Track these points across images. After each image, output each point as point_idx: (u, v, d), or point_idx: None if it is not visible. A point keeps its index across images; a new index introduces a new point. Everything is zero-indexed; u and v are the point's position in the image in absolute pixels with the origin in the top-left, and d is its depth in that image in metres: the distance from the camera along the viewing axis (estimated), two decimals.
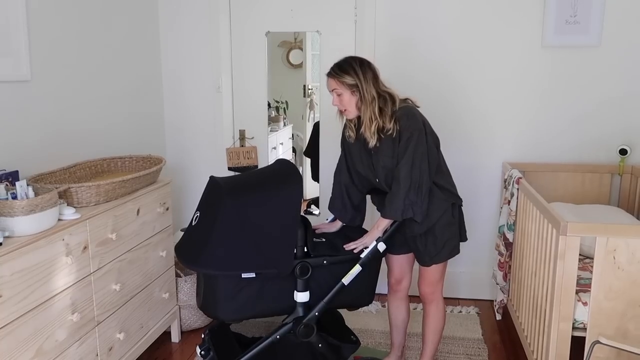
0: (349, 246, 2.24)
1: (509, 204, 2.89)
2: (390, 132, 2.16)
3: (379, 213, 2.33)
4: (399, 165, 2.15)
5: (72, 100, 2.60)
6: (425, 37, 3.24)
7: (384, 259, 2.43)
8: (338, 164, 2.49)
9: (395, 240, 2.36)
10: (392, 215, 2.18)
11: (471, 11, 3.17)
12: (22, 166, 2.20)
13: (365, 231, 2.50)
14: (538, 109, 3.21)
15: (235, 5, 3.39)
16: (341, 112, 2.28)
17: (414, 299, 3.20)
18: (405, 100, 2.27)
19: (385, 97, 2.19)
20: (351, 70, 2.19)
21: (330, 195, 2.51)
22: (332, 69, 2.24)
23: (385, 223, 2.23)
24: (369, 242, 2.24)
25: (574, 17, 3.06)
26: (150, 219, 2.56)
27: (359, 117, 2.24)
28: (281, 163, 2.32)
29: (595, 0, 3.02)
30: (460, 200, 2.33)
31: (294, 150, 4.50)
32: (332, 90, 2.24)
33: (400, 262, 2.46)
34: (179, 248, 2.16)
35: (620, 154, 3.11)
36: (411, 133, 2.13)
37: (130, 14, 3.10)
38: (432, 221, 2.23)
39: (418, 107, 2.28)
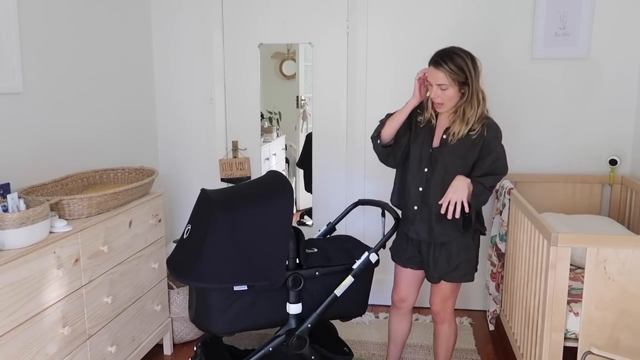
0: (443, 204, 2.07)
1: (500, 215, 2.91)
2: (474, 133, 2.09)
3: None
4: (491, 175, 2.11)
5: (64, 112, 2.60)
6: (416, 49, 3.26)
7: (391, 272, 2.42)
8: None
9: (405, 252, 2.33)
10: (474, 187, 2.07)
11: (462, 24, 3.20)
12: (14, 178, 2.19)
13: (359, 242, 2.51)
14: (528, 120, 3.24)
15: (228, 17, 3.41)
16: (433, 104, 2.13)
17: (414, 309, 3.18)
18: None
19: (484, 97, 2.11)
20: (463, 63, 2.04)
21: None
22: (444, 61, 2.05)
23: (470, 185, 2.07)
24: (462, 196, 2.03)
25: (563, 29, 3.10)
26: (142, 231, 2.55)
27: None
28: (272, 175, 2.33)
29: (584, 13, 3.07)
30: (485, 229, 2.30)
31: (287, 161, 4.52)
32: (438, 85, 2.07)
33: (409, 278, 2.36)
34: (171, 261, 2.15)
35: (610, 164, 3.14)
36: (504, 159, 2.13)
37: (123, 25, 3.11)
38: (451, 235, 2.18)
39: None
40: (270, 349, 2.20)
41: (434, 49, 3.21)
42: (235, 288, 2.06)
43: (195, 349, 2.36)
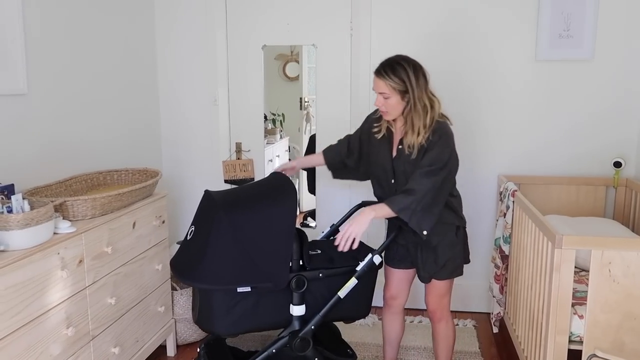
0: (338, 244, 2.09)
1: (504, 217, 2.90)
2: (422, 142, 2.11)
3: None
4: (420, 172, 2.07)
5: (68, 114, 2.61)
6: (420, 51, 3.23)
7: (382, 272, 2.42)
8: (347, 138, 2.44)
9: (397, 253, 2.35)
10: (392, 205, 2.06)
11: (465, 26, 3.20)
12: (18, 179, 2.19)
13: (362, 244, 2.50)
14: (533, 122, 3.23)
15: (231, 18, 3.42)
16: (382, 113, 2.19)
17: (408, 311, 3.18)
18: (441, 114, 2.18)
19: (432, 104, 2.11)
20: (404, 73, 2.07)
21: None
22: (384, 69, 2.09)
23: (382, 209, 2.07)
24: (357, 231, 2.06)
25: (567, 31, 3.10)
26: (146, 232, 2.56)
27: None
28: (275, 176, 2.33)
29: (588, 15, 3.06)
30: (463, 221, 2.31)
31: None
32: (380, 93, 2.12)
33: (399, 277, 2.41)
34: (174, 263, 2.15)
35: (615, 166, 3.13)
36: (442, 154, 2.10)
37: (127, 27, 3.12)
38: (436, 240, 2.21)
39: (452, 124, 2.20)
40: (274, 350, 2.19)
41: (438, 50, 3.24)
42: (239, 289, 2.06)
43: (198, 350, 2.36)
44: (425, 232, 2.10)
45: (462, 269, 2.33)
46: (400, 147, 2.20)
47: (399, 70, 2.09)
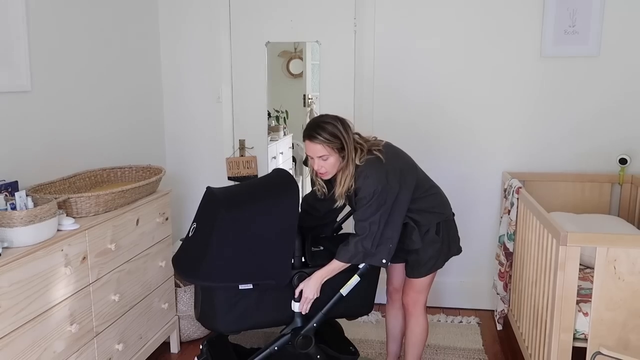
0: (302, 309, 2.15)
1: (509, 214, 2.89)
2: (350, 190, 2.14)
3: None
4: (357, 214, 2.10)
5: (72, 111, 2.61)
6: (425, 47, 3.25)
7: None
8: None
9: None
10: (340, 258, 2.11)
11: (470, 22, 3.18)
12: (22, 176, 2.20)
13: None
14: (538, 119, 3.22)
15: (235, 15, 3.41)
16: (317, 174, 2.17)
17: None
18: (370, 149, 2.12)
19: (355, 153, 2.11)
20: (339, 133, 2.06)
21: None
22: (315, 132, 2.06)
23: (334, 266, 2.13)
24: (310, 295, 2.12)
25: (572, 27, 3.08)
26: (149, 229, 2.56)
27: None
28: (277, 173, 2.32)
29: (594, 11, 3.04)
30: (445, 216, 2.28)
31: (293, 159, 4.51)
32: (319, 157, 2.08)
33: (399, 270, 2.44)
34: (176, 260, 2.15)
35: (620, 163, 3.11)
36: (369, 195, 2.06)
37: (131, 24, 3.12)
38: (418, 244, 2.23)
39: (381, 150, 2.12)
40: (276, 347, 2.19)
41: (443, 46, 3.23)
42: (241, 287, 2.06)
43: (201, 347, 2.36)
44: (384, 261, 2.12)
45: (440, 264, 2.32)
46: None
47: (329, 127, 2.06)
